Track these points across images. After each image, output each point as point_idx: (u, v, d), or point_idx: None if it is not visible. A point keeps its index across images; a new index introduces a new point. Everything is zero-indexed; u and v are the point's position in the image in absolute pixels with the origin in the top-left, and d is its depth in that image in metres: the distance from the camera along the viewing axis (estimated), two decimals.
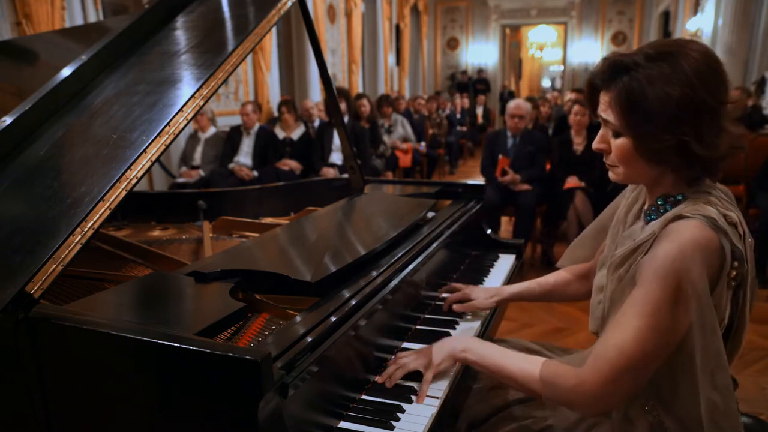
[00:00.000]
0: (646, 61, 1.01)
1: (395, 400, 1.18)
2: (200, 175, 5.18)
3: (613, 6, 14.77)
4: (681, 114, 0.98)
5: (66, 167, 1.24)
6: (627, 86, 1.01)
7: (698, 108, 0.98)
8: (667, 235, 1.01)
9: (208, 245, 1.79)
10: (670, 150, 1.01)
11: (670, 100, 0.97)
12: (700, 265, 0.96)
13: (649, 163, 1.06)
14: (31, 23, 4.24)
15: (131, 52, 1.56)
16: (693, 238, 0.97)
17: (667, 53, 1.00)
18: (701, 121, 0.98)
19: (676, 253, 0.97)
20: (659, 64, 0.99)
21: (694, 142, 0.98)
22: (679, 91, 0.97)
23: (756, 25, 8.51)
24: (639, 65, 1.01)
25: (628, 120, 1.03)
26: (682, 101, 0.97)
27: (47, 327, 0.96)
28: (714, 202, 1.04)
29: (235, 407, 0.87)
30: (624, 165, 1.10)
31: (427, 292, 1.68)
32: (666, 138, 0.99)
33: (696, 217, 1.00)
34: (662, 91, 0.97)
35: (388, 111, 7.04)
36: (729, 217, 1.02)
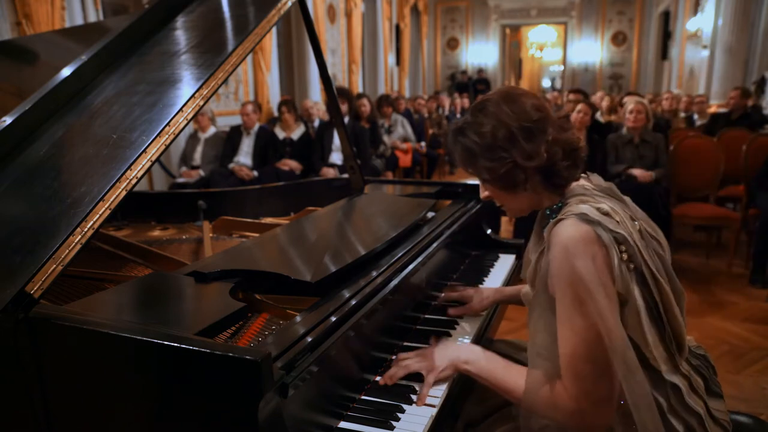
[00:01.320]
0: (471, 116, 1.21)
1: (395, 400, 1.18)
2: (200, 175, 5.18)
3: (613, 6, 14.78)
4: (503, 144, 1.15)
5: (66, 167, 1.24)
6: (462, 145, 1.21)
7: (513, 134, 1.14)
8: (551, 240, 1.12)
9: (208, 245, 1.79)
10: (512, 171, 1.16)
11: (493, 139, 1.15)
12: (583, 257, 1.06)
13: (512, 192, 1.21)
14: (31, 23, 4.24)
15: (131, 52, 1.56)
16: (569, 235, 1.08)
17: (479, 104, 1.21)
18: (519, 141, 1.14)
19: (561, 256, 1.08)
20: (477, 116, 1.19)
21: (521, 158, 1.15)
22: (490, 129, 1.16)
23: (756, 25, 8.51)
24: (467, 123, 1.20)
25: (474, 167, 1.22)
26: (499, 136, 1.15)
27: (47, 327, 0.96)
28: (585, 200, 1.16)
29: (235, 407, 0.87)
30: (505, 202, 1.27)
31: (427, 292, 1.68)
32: (501, 166, 1.16)
33: (569, 217, 1.11)
34: (486, 135, 1.16)
35: (388, 111, 7.04)
36: (601, 209, 1.12)
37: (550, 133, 1.17)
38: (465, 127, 1.21)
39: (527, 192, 1.21)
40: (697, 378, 1.20)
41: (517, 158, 1.15)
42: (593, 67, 15.21)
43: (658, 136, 4.41)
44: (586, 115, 4.39)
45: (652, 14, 14.13)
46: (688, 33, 10.60)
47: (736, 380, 2.71)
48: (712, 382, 1.24)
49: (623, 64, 15.02)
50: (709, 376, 1.24)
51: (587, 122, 4.41)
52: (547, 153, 1.15)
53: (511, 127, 1.15)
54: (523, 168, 1.16)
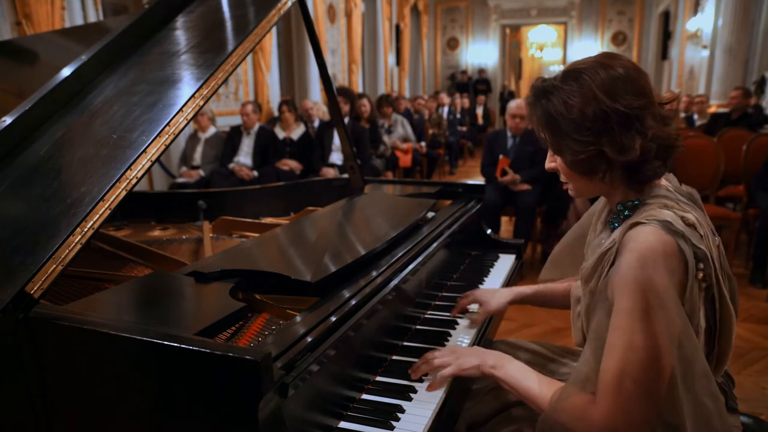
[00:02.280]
0: (561, 82, 1.06)
1: (395, 400, 1.18)
2: (200, 175, 5.18)
3: (613, 6, 14.77)
4: (591, 125, 1.01)
5: (66, 167, 1.24)
6: (544, 108, 1.07)
7: (608, 118, 1.00)
8: (626, 244, 1.01)
9: (208, 245, 1.79)
10: (593, 159, 1.04)
11: (581, 116, 1.02)
12: (662, 272, 0.96)
13: (583, 177, 1.10)
14: (31, 23, 4.24)
15: (131, 52, 1.57)
16: (650, 245, 0.98)
17: (575, 71, 1.05)
18: (613, 129, 1.01)
19: (636, 264, 0.97)
20: (569, 83, 1.05)
21: (609, 149, 1.02)
22: (587, 107, 1.01)
23: (756, 25, 8.51)
24: (555, 87, 1.06)
25: (551, 138, 1.09)
26: (591, 115, 1.01)
27: (47, 327, 0.96)
28: (670, 205, 1.05)
29: (235, 407, 0.87)
30: (571, 181, 1.15)
31: (427, 292, 1.68)
32: (583, 150, 1.03)
33: (651, 223, 1.00)
34: (573, 109, 1.02)
35: (388, 111, 7.04)
36: (686, 219, 1.02)
37: (649, 126, 1.02)
38: (552, 90, 1.06)
39: (603, 180, 1.09)
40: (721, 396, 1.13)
41: (606, 148, 1.01)
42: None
43: None
44: None
45: (652, 14, 14.13)
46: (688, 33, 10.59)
47: (736, 380, 2.70)
48: (731, 397, 1.21)
49: None
50: (728, 391, 1.21)
51: None
52: (642, 148, 1.02)
53: (607, 110, 1.00)
54: (609, 160, 1.03)
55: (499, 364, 1.20)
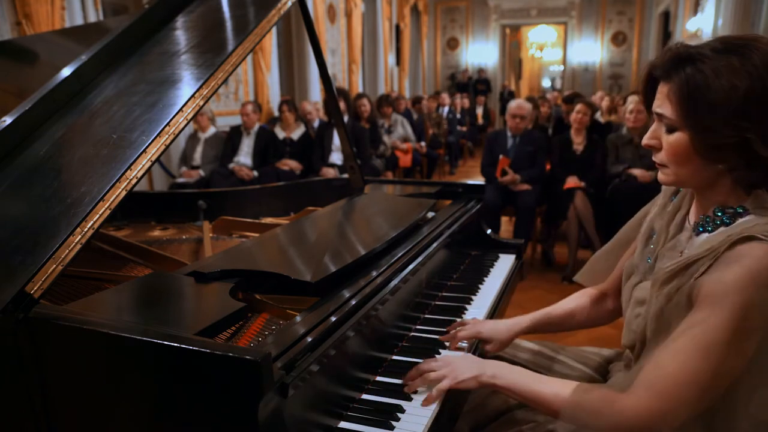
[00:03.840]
0: (713, 53, 0.95)
1: (395, 400, 1.18)
2: (200, 175, 5.18)
3: (613, 6, 14.77)
4: (747, 108, 0.91)
5: (66, 167, 1.24)
6: (690, 77, 0.95)
7: (766, 105, 0.91)
8: (737, 258, 0.92)
9: (208, 245, 1.79)
10: (730, 148, 0.94)
11: (736, 93, 0.90)
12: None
13: (705, 162, 0.98)
14: (31, 23, 4.24)
15: (131, 52, 1.56)
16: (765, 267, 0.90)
17: (737, 45, 0.94)
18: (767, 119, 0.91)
19: (748, 282, 0.90)
20: (727, 56, 0.93)
21: (758, 140, 0.91)
22: (747, 84, 0.90)
23: (756, 25, 8.51)
24: (705, 56, 0.94)
25: (687, 113, 0.96)
26: (749, 95, 0.90)
27: (47, 327, 0.96)
28: None
29: (235, 407, 0.87)
30: (676, 164, 1.02)
31: (427, 292, 1.68)
32: (727, 134, 0.92)
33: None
34: (728, 83, 0.91)
35: (388, 111, 7.04)
36: None
37: None
38: (702, 59, 0.94)
39: (718, 171, 0.99)
40: None
41: (754, 139, 0.91)
42: (593, 67, 15.20)
43: None
44: (585, 116, 4.39)
45: (652, 14, 14.12)
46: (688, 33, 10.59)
47: None
48: None
49: (623, 64, 15.01)
50: None
51: (586, 122, 4.41)
52: None
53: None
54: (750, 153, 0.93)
55: (499, 372, 1.14)
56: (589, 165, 4.31)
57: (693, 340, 0.92)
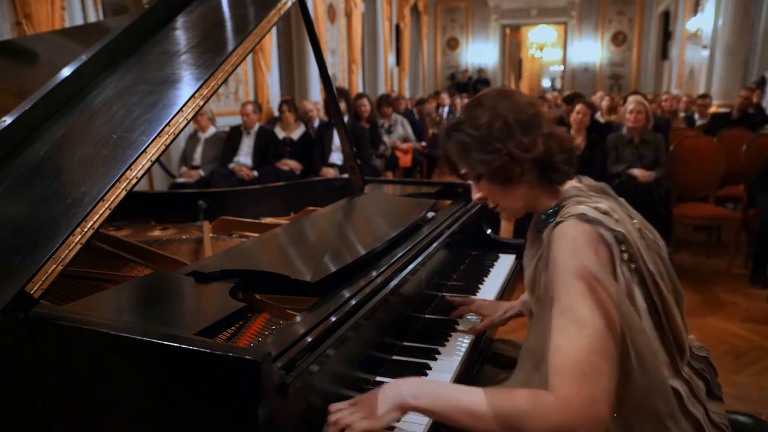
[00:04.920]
0: (465, 114, 1.20)
1: None
2: (200, 175, 5.18)
3: (613, 6, 14.78)
4: (500, 135, 1.14)
5: (66, 167, 1.24)
6: (456, 140, 1.20)
7: (510, 126, 1.14)
8: (551, 244, 1.10)
9: (208, 245, 1.79)
10: (507, 164, 1.15)
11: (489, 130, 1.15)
12: (589, 255, 1.04)
13: (511, 187, 1.19)
14: (31, 23, 4.24)
15: (131, 52, 1.56)
16: (572, 236, 1.07)
17: (473, 102, 1.22)
18: (516, 134, 1.14)
19: (565, 256, 1.06)
20: (471, 111, 1.19)
21: (516, 149, 1.14)
22: (487, 119, 1.15)
23: (756, 25, 8.51)
24: (462, 120, 1.19)
25: (469, 162, 1.19)
26: (497, 127, 1.14)
27: (47, 327, 0.96)
28: (582, 200, 1.15)
29: (235, 407, 0.87)
30: (499, 200, 1.24)
31: (427, 292, 1.68)
32: (497, 157, 1.14)
33: (569, 218, 1.10)
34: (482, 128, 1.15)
35: (388, 111, 7.04)
36: (599, 208, 1.11)
37: (545, 127, 1.17)
38: (460, 122, 1.20)
39: (523, 187, 1.20)
40: (699, 381, 1.17)
41: (513, 150, 1.14)
42: (593, 67, 15.21)
43: (659, 136, 4.41)
44: (585, 116, 4.38)
45: (652, 14, 14.13)
46: (688, 33, 10.60)
47: (736, 380, 2.71)
48: (713, 384, 1.22)
49: (623, 64, 15.02)
50: (710, 379, 1.22)
51: (586, 123, 4.41)
52: (543, 145, 1.15)
53: (508, 119, 1.14)
54: (519, 160, 1.15)
55: (419, 392, 1.04)
56: (589, 165, 4.31)
57: (562, 321, 1.02)
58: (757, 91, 7.21)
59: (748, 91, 6.31)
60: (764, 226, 3.96)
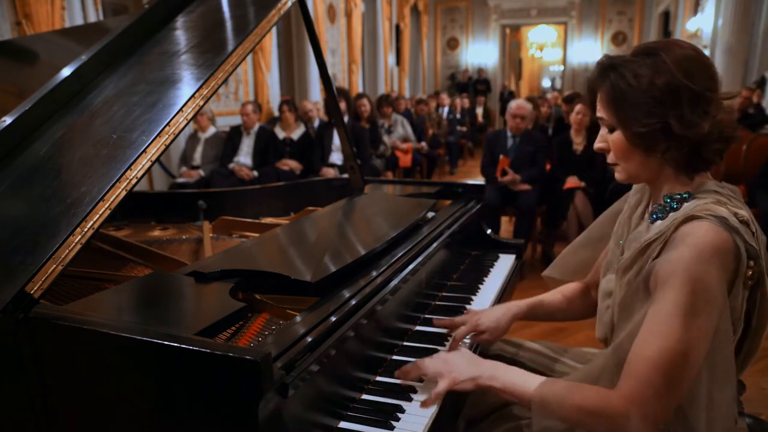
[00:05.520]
0: (632, 56, 1.08)
1: (395, 400, 1.18)
2: (200, 175, 5.18)
3: (613, 6, 14.77)
4: (662, 98, 1.02)
5: (66, 167, 1.24)
6: (613, 81, 1.08)
7: (678, 92, 1.02)
8: (682, 238, 1.00)
9: (208, 245, 1.79)
10: (657, 134, 1.04)
11: (650, 87, 1.03)
12: (717, 269, 0.97)
13: (644, 154, 1.09)
14: (31, 23, 4.24)
15: (131, 52, 1.56)
16: (708, 241, 0.97)
17: (650, 48, 1.07)
18: (682, 104, 1.02)
19: (692, 258, 0.97)
20: (642, 58, 1.06)
21: (676, 122, 1.02)
22: (658, 78, 1.03)
23: (756, 25, 8.51)
24: (625, 61, 1.07)
25: (616, 112, 1.08)
26: (661, 87, 1.02)
27: (47, 327, 0.96)
28: (723, 201, 1.05)
29: (235, 407, 0.87)
30: (622, 160, 1.13)
31: (427, 292, 1.68)
32: (650, 122, 1.03)
33: (708, 219, 0.99)
34: (643, 80, 1.04)
35: (388, 111, 7.04)
36: (740, 216, 1.02)
37: (715, 109, 1.04)
38: (622, 63, 1.07)
39: (657, 160, 1.08)
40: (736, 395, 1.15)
41: (673, 122, 1.02)
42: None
43: None
44: (585, 116, 4.38)
45: (652, 14, 14.12)
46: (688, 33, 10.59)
47: None
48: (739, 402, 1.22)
49: None
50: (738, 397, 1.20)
51: (586, 123, 4.41)
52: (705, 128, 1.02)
53: (679, 85, 1.01)
54: (673, 135, 1.03)
55: (497, 374, 1.16)
56: (589, 165, 4.31)
57: (651, 322, 0.99)
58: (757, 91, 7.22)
59: (748, 91, 6.32)
60: (764, 226, 3.96)
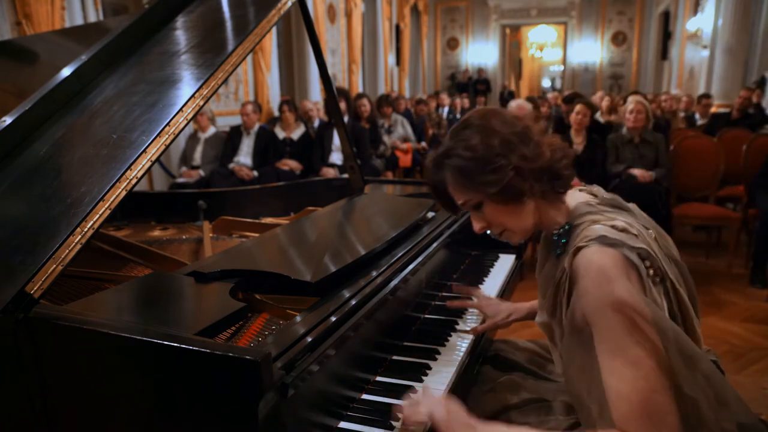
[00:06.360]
0: (454, 140, 1.13)
1: (395, 400, 1.18)
2: (200, 175, 5.18)
3: (613, 6, 14.77)
4: (501, 152, 1.08)
5: (66, 167, 1.24)
6: (453, 165, 1.12)
7: (510, 140, 1.09)
8: (577, 272, 1.04)
9: (208, 245, 1.79)
10: (514, 180, 1.08)
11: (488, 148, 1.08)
12: (620, 282, 0.99)
13: (516, 206, 1.12)
14: (31, 23, 4.24)
15: (131, 52, 1.56)
16: (600, 264, 1.01)
17: (462, 125, 1.14)
18: (517, 147, 1.08)
19: (595, 287, 1.00)
20: (463, 132, 1.12)
21: (523, 162, 1.08)
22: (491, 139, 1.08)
23: (756, 25, 8.52)
24: (452, 146, 1.12)
25: (471, 186, 1.12)
26: (498, 144, 1.08)
27: (47, 327, 0.96)
28: (597, 219, 1.10)
29: (235, 407, 0.87)
30: (506, 224, 1.16)
31: (427, 292, 1.68)
32: (502, 175, 1.07)
33: (590, 244, 1.04)
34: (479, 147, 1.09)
35: (388, 111, 7.04)
36: (617, 226, 1.06)
37: (536, 136, 1.12)
38: (449, 149, 1.13)
39: (530, 203, 1.13)
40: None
41: (519, 163, 1.08)
42: (593, 67, 15.20)
43: (659, 136, 4.41)
44: (585, 116, 4.38)
45: (652, 14, 14.13)
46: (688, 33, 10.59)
47: (736, 380, 2.71)
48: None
49: (623, 64, 15.02)
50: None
51: (586, 123, 4.41)
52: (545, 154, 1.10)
53: (503, 134, 1.09)
54: (526, 173, 1.08)
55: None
56: (589, 165, 4.31)
57: (611, 357, 0.98)
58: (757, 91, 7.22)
59: (748, 91, 6.32)
60: (764, 226, 3.96)
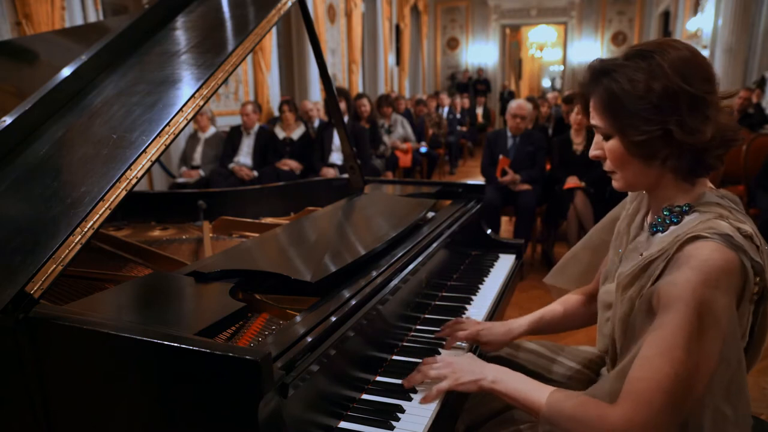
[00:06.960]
0: (625, 60, 1.03)
1: (395, 400, 1.18)
2: (200, 175, 5.18)
3: (613, 6, 14.77)
4: (661, 104, 0.98)
5: (66, 167, 1.24)
6: (607, 87, 1.03)
7: (677, 97, 0.98)
8: (686, 260, 0.96)
9: (208, 245, 1.79)
10: (657, 141, 1.00)
11: (647, 92, 0.98)
12: (724, 293, 0.94)
13: (642, 161, 1.05)
14: (31, 23, 4.24)
15: (131, 52, 1.56)
16: (715, 263, 0.94)
17: (644, 50, 1.02)
18: (681, 109, 0.98)
19: (699, 282, 0.93)
20: (636, 61, 1.01)
21: (677, 128, 0.98)
22: (655, 83, 0.98)
23: (756, 25, 8.52)
24: (618, 65, 1.03)
25: (612, 119, 1.04)
26: (659, 92, 0.98)
27: (47, 327, 0.96)
28: (725, 215, 1.01)
29: (235, 407, 0.87)
30: (619, 168, 1.09)
31: (427, 292, 1.68)
32: (649, 129, 0.99)
33: (713, 238, 0.96)
34: (639, 85, 0.99)
35: (388, 111, 7.04)
36: (743, 230, 0.98)
37: (715, 112, 0.99)
38: (614, 68, 1.02)
39: (656, 168, 1.04)
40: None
41: (674, 128, 0.97)
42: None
43: None
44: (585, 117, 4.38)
45: (652, 14, 14.12)
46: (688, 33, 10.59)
47: None
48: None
49: None
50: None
51: (586, 123, 4.39)
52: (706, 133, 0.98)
53: (677, 89, 0.96)
54: (674, 142, 0.99)
55: (499, 378, 1.14)
56: (589, 165, 4.30)
57: (655, 345, 0.95)
58: (757, 91, 7.22)
59: (748, 91, 6.33)
60: (764, 226, 3.96)
